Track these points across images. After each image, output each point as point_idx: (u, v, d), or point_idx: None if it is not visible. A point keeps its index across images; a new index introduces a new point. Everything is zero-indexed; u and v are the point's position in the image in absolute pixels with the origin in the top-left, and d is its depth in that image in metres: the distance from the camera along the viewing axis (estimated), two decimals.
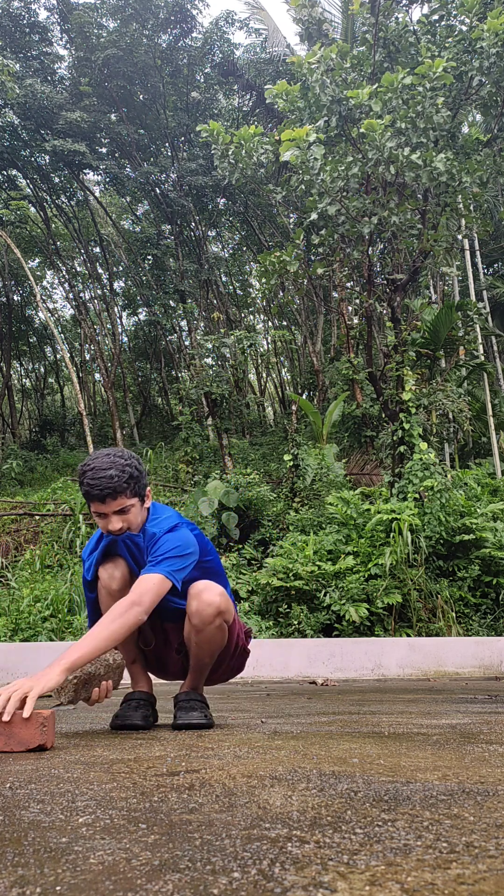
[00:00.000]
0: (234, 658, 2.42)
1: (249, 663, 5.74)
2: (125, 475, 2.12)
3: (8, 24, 15.48)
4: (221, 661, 2.37)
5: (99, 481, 2.09)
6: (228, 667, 2.44)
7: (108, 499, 2.10)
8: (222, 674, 2.46)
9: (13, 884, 0.71)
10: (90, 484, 2.10)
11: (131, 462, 2.16)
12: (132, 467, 2.15)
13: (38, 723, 1.72)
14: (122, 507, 2.13)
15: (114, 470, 2.10)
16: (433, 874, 0.72)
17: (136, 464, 2.18)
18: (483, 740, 1.84)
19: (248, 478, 9.74)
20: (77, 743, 1.93)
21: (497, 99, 7.94)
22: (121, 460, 2.14)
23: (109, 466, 2.11)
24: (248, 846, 0.84)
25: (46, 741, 1.73)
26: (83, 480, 2.13)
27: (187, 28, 15.82)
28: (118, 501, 2.12)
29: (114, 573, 2.25)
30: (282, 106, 7.78)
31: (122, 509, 2.13)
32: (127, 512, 2.15)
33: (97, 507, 2.13)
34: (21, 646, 5.83)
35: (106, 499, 2.10)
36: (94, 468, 2.11)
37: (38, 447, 19.11)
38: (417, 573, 7.29)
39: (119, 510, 2.13)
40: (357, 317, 15.56)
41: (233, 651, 2.37)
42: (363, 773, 1.35)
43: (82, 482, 2.13)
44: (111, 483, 2.09)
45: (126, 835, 0.90)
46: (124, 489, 2.12)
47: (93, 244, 19.59)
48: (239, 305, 22.54)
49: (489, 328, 13.75)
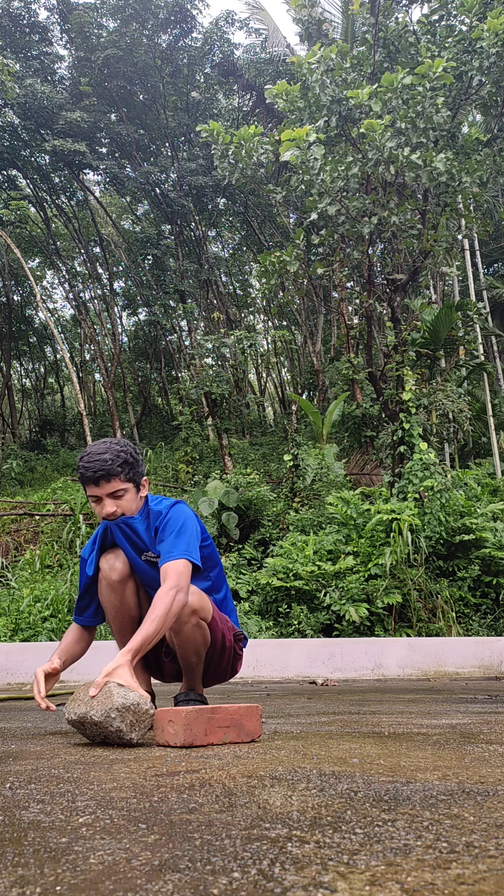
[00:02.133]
0: (223, 658, 2.38)
1: (249, 663, 5.75)
2: (119, 459, 2.17)
3: (8, 24, 15.48)
4: (210, 660, 2.35)
5: (93, 463, 2.14)
6: (219, 666, 2.41)
7: (101, 481, 2.15)
8: (214, 673, 2.43)
9: (13, 884, 0.71)
10: (85, 466, 2.15)
11: (126, 448, 2.21)
12: (126, 453, 2.20)
13: (258, 715, 1.86)
14: (116, 491, 2.17)
15: (108, 454, 2.16)
16: (433, 874, 0.72)
17: (131, 451, 2.23)
18: (483, 740, 1.84)
19: (248, 478, 9.74)
20: (77, 743, 1.93)
21: (497, 99, 7.94)
22: (116, 446, 2.19)
23: (104, 451, 2.16)
24: (248, 846, 0.84)
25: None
26: (79, 465, 2.18)
27: (187, 28, 15.82)
28: (112, 484, 2.16)
29: (114, 564, 2.27)
30: (282, 106, 7.78)
31: (116, 493, 2.17)
32: (121, 497, 2.19)
33: (92, 489, 2.17)
34: (21, 646, 5.83)
35: (100, 481, 2.15)
36: (90, 452, 2.17)
37: (38, 447, 19.11)
38: (417, 573, 7.29)
39: (112, 493, 2.17)
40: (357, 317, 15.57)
41: (220, 650, 2.34)
42: (363, 773, 1.35)
43: (78, 467, 2.18)
44: (105, 465, 2.14)
45: (126, 835, 0.90)
46: (118, 472, 2.16)
47: (93, 244, 19.59)
48: (239, 305, 22.54)
49: (489, 328, 13.75)
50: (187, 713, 1.74)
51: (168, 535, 2.20)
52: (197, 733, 1.74)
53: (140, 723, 1.81)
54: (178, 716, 1.74)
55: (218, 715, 1.79)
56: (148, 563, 2.30)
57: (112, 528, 2.27)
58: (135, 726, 1.80)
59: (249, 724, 1.84)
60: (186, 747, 1.73)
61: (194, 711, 1.75)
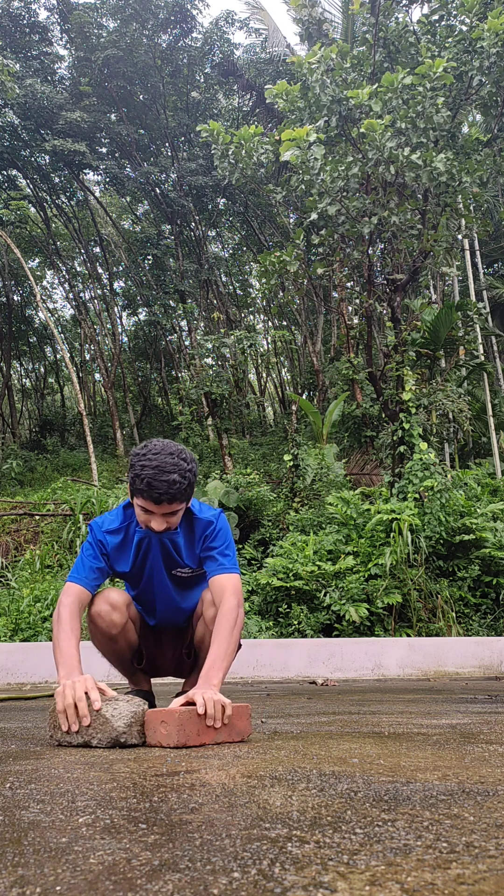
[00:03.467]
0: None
1: (249, 663, 5.75)
2: (185, 482, 1.98)
3: (8, 24, 15.49)
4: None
5: (160, 484, 1.93)
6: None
7: (163, 503, 1.97)
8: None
9: (13, 884, 0.71)
10: (150, 484, 1.93)
11: (192, 467, 2.02)
12: (192, 473, 2.01)
13: (248, 715, 1.88)
14: (173, 511, 2.02)
15: (177, 475, 1.95)
16: (433, 874, 0.72)
17: (195, 468, 2.05)
18: (483, 740, 1.84)
19: (248, 478, 9.74)
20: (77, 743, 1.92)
21: (497, 99, 7.94)
22: (184, 464, 1.98)
23: (173, 469, 1.95)
24: (248, 846, 0.84)
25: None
26: (142, 475, 1.94)
27: (187, 28, 15.83)
28: (172, 506, 2.00)
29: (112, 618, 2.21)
30: (282, 106, 7.78)
31: (172, 512, 2.03)
32: (175, 515, 2.04)
33: (147, 505, 1.99)
34: (21, 646, 5.83)
35: (162, 503, 1.97)
36: (158, 468, 1.94)
37: (38, 447, 19.11)
38: (417, 573, 7.29)
39: (168, 512, 2.02)
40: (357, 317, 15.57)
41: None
42: (363, 773, 1.35)
43: (140, 476, 1.95)
44: (172, 489, 1.95)
45: (126, 835, 0.90)
46: (182, 495, 1.99)
47: (93, 244, 19.60)
48: (239, 305, 22.54)
49: (489, 328, 13.75)
50: (180, 714, 1.74)
51: (220, 545, 2.14)
52: (190, 734, 1.74)
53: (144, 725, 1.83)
54: (171, 717, 1.74)
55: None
56: (174, 578, 2.24)
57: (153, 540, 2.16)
58: (142, 732, 1.82)
59: (240, 724, 1.85)
60: (179, 748, 1.73)
61: (187, 712, 1.75)
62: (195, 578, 2.27)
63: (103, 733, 1.76)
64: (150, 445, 2.01)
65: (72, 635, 1.98)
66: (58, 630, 1.99)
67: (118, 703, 1.80)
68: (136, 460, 1.99)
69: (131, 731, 1.77)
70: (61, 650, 1.94)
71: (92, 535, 2.19)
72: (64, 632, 1.98)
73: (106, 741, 1.76)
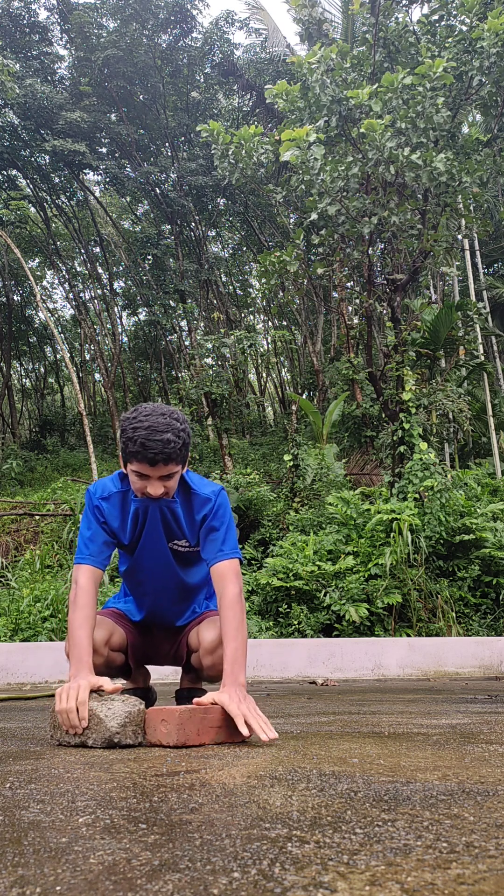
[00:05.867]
0: None
1: (249, 663, 5.75)
2: (180, 441, 1.93)
3: (8, 24, 15.48)
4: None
5: (154, 443, 1.89)
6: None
7: (159, 464, 1.93)
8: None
9: (13, 884, 0.71)
10: (144, 445, 1.89)
11: (185, 427, 1.98)
12: (186, 433, 1.97)
13: None
14: (169, 474, 1.97)
15: (171, 434, 1.91)
16: (433, 874, 0.72)
17: (188, 428, 2.00)
18: (483, 740, 1.84)
19: (248, 478, 9.74)
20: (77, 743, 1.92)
21: (497, 99, 7.94)
22: (177, 423, 1.94)
23: (166, 429, 1.91)
24: (248, 846, 0.84)
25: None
26: (134, 437, 1.90)
27: (187, 28, 15.83)
28: (168, 467, 1.95)
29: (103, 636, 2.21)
30: (282, 106, 7.78)
31: (168, 475, 1.98)
32: (171, 478, 1.99)
33: (142, 468, 1.94)
34: (21, 646, 5.83)
35: (157, 464, 1.93)
36: (150, 428, 1.90)
37: (38, 447, 19.11)
38: (417, 573, 7.29)
39: (164, 475, 1.97)
40: (357, 317, 15.56)
41: None
42: (363, 773, 1.35)
43: (133, 439, 1.91)
44: (167, 448, 1.90)
45: (126, 835, 0.90)
46: (178, 456, 1.94)
47: (93, 244, 19.60)
48: (239, 305, 22.55)
49: (489, 328, 13.75)
50: (181, 713, 1.73)
51: (221, 526, 2.09)
52: (190, 733, 1.74)
53: (139, 724, 1.82)
54: (172, 715, 1.74)
55: (210, 715, 1.79)
56: (173, 551, 2.19)
57: (151, 508, 2.10)
58: (137, 732, 1.81)
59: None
60: (179, 747, 1.73)
61: (188, 711, 1.75)
62: (195, 554, 2.21)
63: (98, 733, 1.76)
64: (140, 408, 1.97)
65: (85, 623, 1.95)
66: (72, 615, 1.97)
67: (113, 702, 1.80)
68: (126, 424, 1.95)
69: (125, 731, 1.77)
70: (74, 641, 1.93)
71: (88, 503, 2.13)
72: (78, 619, 1.96)
73: (100, 741, 1.76)
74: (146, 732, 1.81)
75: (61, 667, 5.25)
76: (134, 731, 1.79)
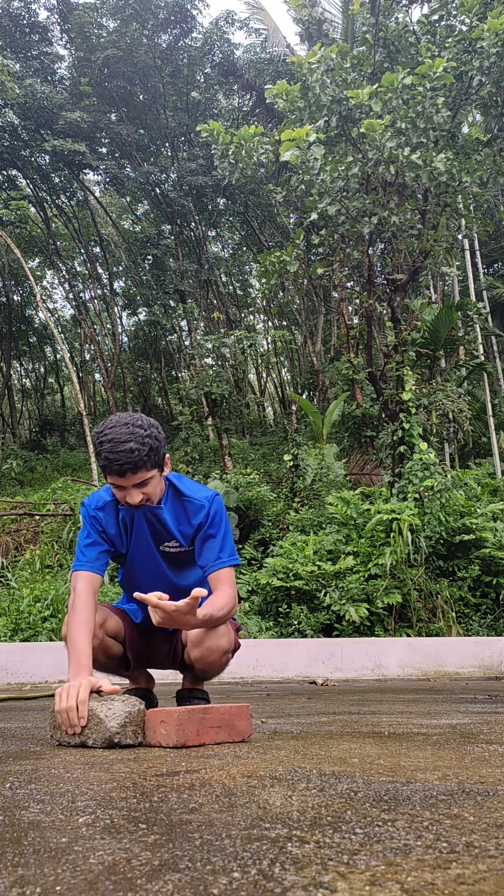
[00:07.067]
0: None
1: (249, 663, 5.75)
2: (145, 448, 1.98)
3: (8, 24, 15.48)
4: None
5: (118, 455, 1.95)
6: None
7: (128, 473, 1.99)
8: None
9: (13, 884, 0.71)
10: (108, 458, 1.96)
11: (150, 432, 2.02)
12: (152, 438, 2.01)
13: (248, 715, 1.89)
14: (143, 481, 2.03)
15: (133, 443, 1.96)
16: (433, 874, 0.72)
17: (155, 433, 2.05)
18: (483, 740, 1.84)
19: (248, 478, 9.74)
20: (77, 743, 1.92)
21: (497, 99, 7.94)
22: (140, 430, 1.99)
23: (128, 439, 1.96)
24: (248, 846, 0.84)
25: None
26: (100, 453, 1.99)
27: (187, 28, 15.83)
28: (138, 475, 2.01)
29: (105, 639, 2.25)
30: (282, 106, 7.78)
31: (142, 482, 2.03)
32: (146, 485, 2.04)
33: (115, 480, 2.02)
34: (21, 646, 5.83)
35: (126, 473, 1.99)
36: (113, 440, 1.97)
37: (38, 447, 19.11)
38: (417, 573, 7.29)
39: (138, 483, 2.03)
40: (357, 317, 15.57)
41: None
42: (363, 773, 1.35)
43: (99, 454, 2.00)
44: (131, 457, 1.96)
45: (126, 835, 0.90)
46: (144, 462, 1.99)
47: (93, 244, 19.60)
48: (239, 305, 22.54)
49: (489, 328, 13.75)
50: (180, 714, 1.73)
51: (217, 534, 2.14)
52: (189, 734, 1.74)
53: (139, 724, 1.82)
54: (171, 717, 1.73)
55: (210, 715, 1.79)
56: (164, 554, 2.24)
57: (136, 515, 2.16)
58: (137, 732, 1.81)
59: (240, 724, 1.85)
60: (178, 748, 1.72)
61: (187, 712, 1.75)
62: (187, 555, 2.24)
63: (97, 733, 1.76)
64: (107, 421, 2.03)
65: (84, 627, 1.99)
66: (70, 619, 2.01)
67: (113, 702, 1.79)
68: (95, 439, 2.02)
69: (125, 731, 1.77)
70: (73, 644, 1.96)
71: (85, 515, 2.21)
72: (76, 623, 2.00)
73: (100, 741, 1.75)
74: (146, 734, 1.81)
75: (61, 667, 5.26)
76: (134, 731, 1.79)
